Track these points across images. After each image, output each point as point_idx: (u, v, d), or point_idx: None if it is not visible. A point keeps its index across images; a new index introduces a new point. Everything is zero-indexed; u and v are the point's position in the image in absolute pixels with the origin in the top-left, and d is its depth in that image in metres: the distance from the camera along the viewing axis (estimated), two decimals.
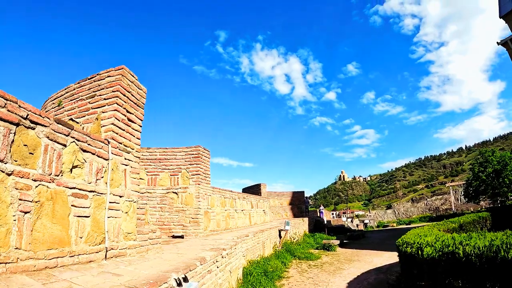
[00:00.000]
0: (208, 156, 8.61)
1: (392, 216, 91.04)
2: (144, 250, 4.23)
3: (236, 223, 9.86)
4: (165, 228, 7.63)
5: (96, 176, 3.55)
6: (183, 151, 8.43)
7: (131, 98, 4.59)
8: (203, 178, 8.20)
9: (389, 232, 24.09)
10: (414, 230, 7.96)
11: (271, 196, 25.52)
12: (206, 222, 7.94)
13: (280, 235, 12.44)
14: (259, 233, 9.01)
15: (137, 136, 4.55)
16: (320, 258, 11.83)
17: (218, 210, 8.68)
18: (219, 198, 8.86)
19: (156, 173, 8.40)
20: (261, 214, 13.45)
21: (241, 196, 10.73)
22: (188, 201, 7.86)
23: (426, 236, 6.09)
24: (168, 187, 8.20)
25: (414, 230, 7.96)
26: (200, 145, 8.36)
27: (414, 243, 5.86)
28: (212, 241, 6.09)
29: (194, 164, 8.17)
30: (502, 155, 28.24)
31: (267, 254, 9.92)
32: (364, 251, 13.70)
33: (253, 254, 8.26)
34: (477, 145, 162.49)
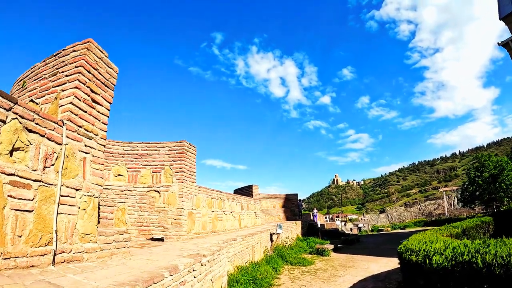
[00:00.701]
0: (193, 153, 7.97)
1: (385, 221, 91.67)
2: (107, 255, 3.57)
3: (224, 226, 9.21)
4: (144, 230, 6.96)
5: (45, 163, 2.90)
6: (166, 146, 7.78)
7: (98, 77, 3.95)
8: (188, 176, 7.55)
9: (384, 236, 23.68)
10: (416, 235, 7.43)
11: (263, 198, 24.91)
12: (190, 224, 7.29)
13: (271, 239, 11.83)
14: (248, 237, 8.39)
15: (104, 120, 3.91)
16: (313, 263, 11.25)
17: (204, 211, 8.03)
18: (205, 198, 8.21)
19: (137, 169, 7.72)
20: (252, 217, 12.82)
21: (230, 197, 10.09)
22: (171, 201, 7.20)
23: (433, 243, 5.54)
24: (149, 184, 7.53)
25: (416, 235, 7.43)
26: (185, 140, 7.73)
27: (419, 251, 5.29)
28: (194, 245, 5.45)
29: (178, 161, 7.52)
30: (498, 159, 28.15)
31: (257, 259, 9.30)
32: (359, 256, 13.16)
33: (241, 259, 7.63)
34: (471, 151, 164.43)
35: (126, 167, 7.72)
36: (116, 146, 7.90)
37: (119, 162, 7.74)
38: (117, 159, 7.76)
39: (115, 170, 7.69)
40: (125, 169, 7.71)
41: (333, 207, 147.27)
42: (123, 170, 7.70)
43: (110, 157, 7.69)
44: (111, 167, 7.64)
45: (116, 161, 7.74)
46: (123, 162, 7.76)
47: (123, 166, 7.73)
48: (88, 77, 3.79)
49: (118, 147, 7.88)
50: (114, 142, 7.94)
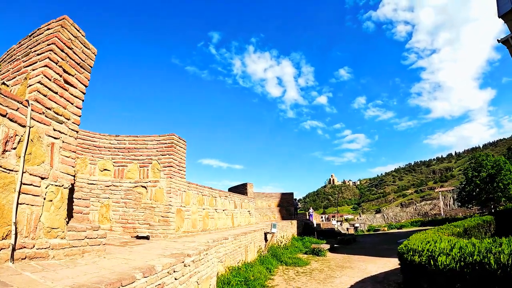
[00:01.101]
0: (183, 147, 7.60)
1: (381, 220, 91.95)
2: (78, 253, 3.21)
3: (215, 224, 8.85)
4: (128, 227, 6.59)
5: (4, 146, 2.54)
6: (154, 140, 7.41)
7: (73, 56, 3.58)
8: (177, 171, 7.18)
9: (380, 236, 23.48)
10: (416, 235, 7.14)
11: (258, 197, 24.58)
12: (179, 221, 6.92)
13: (266, 238, 11.50)
14: (241, 236, 8.05)
15: (77, 104, 3.53)
16: (309, 264, 10.94)
17: (194, 209, 7.67)
18: (196, 195, 7.85)
19: (124, 164, 7.35)
20: (245, 215, 12.48)
21: (222, 195, 9.73)
22: (158, 197, 6.83)
23: (437, 242, 5.24)
24: (136, 180, 7.16)
25: (416, 235, 7.14)
26: (174, 134, 7.36)
27: (423, 251, 4.99)
28: (181, 244, 5.09)
29: (167, 155, 7.15)
30: (496, 159, 28.06)
31: (250, 259, 8.96)
32: (356, 256, 12.88)
33: (233, 259, 7.28)
34: (467, 152, 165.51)
35: (112, 162, 7.36)
36: (103, 139, 7.52)
37: (105, 156, 7.37)
38: (103, 153, 7.39)
39: (100, 164, 7.31)
40: (111, 164, 7.34)
41: (329, 207, 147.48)
42: (109, 165, 7.33)
43: (96, 151, 7.33)
44: (96, 162, 7.27)
45: (102, 155, 7.37)
46: (109, 156, 7.39)
47: (109, 161, 7.36)
48: (61, 56, 3.43)
49: (104, 141, 7.51)
50: (101, 135, 7.57)
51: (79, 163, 7.04)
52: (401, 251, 5.73)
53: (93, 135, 7.49)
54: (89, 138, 7.36)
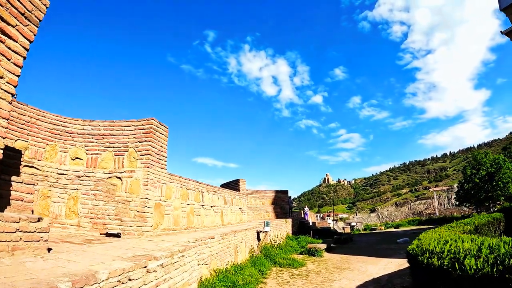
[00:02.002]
0: (164, 133, 6.76)
1: (376, 220, 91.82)
2: (5, 249, 2.38)
3: (202, 222, 8.02)
4: (98, 223, 5.74)
5: None
6: (132, 125, 6.57)
7: (15, 4, 2.79)
8: (156, 160, 6.34)
9: (377, 235, 22.86)
10: (427, 234, 6.40)
11: (252, 194, 23.79)
12: (158, 218, 6.08)
13: (258, 237, 10.69)
14: (230, 235, 7.23)
15: (16, 61, 2.72)
16: (304, 265, 10.16)
17: (177, 204, 6.83)
18: (179, 188, 7.01)
19: (98, 152, 6.51)
20: (237, 213, 11.66)
21: (210, 189, 8.90)
22: (134, 189, 5.99)
23: (458, 242, 4.48)
24: (111, 170, 6.32)
25: (427, 234, 6.40)
26: (154, 118, 6.53)
27: (442, 252, 4.22)
28: (153, 244, 4.25)
29: (145, 141, 6.31)
30: (495, 157, 27.64)
31: (240, 260, 8.15)
32: (354, 257, 12.15)
33: (220, 261, 6.46)
34: (462, 152, 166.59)
35: (85, 149, 6.52)
36: (76, 124, 6.70)
37: (77, 143, 6.55)
38: (75, 139, 6.57)
39: (72, 152, 6.48)
40: (84, 152, 6.51)
41: (324, 206, 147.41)
42: (81, 153, 6.50)
43: (68, 137, 6.51)
44: (68, 149, 6.43)
45: (74, 142, 6.55)
46: (82, 143, 6.56)
47: (81, 148, 6.52)
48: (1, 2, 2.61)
49: (77, 126, 6.69)
50: (73, 120, 6.74)
51: (49, 151, 6.21)
52: (413, 253, 4.97)
53: (65, 119, 6.67)
54: (61, 123, 6.56)
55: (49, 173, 6.02)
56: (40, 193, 5.85)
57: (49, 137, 6.31)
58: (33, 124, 6.06)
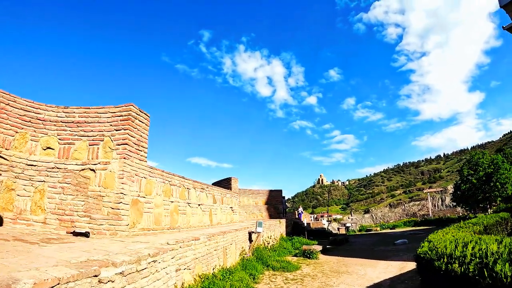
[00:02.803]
0: (144, 121, 6.07)
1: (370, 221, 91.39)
2: None
3: (188, 221, 7.34)
4: (66, 220, 5.03)
5: None
6: (109, 112, 5.88)
7: None
8: (134, 150, 5.65)
9: (374, 237, 22.36)
10: (437, 235, 5.82)
11: (244, 193, 23.13)
12: (135, 216, 5.39)
13: (250, 238, 10.04)
14: (218, 236, 6.56)
15: None
16: (299, 268, 9.54)
17: (159, 201, 6.13)
18: (161, 184, 6.32)
19: (71, 141, 5.82)
20: (227, 212, 10.98)
21: (198, 186, 8.21)
22: (108, 183, 5.30)
23: (479, 244, 3.89)
24: (84, 161, 5.63)
25: (437, 235, 5.82)
26: (133, 104, 5.84)
27: (465, 257, 3.62)
28: (123, 246, 3.58)
29: (122, 130, 5.63)
30: (493, 158, 27.35)
31: (230, 263, 7.49)
32: (352, 259, 11.57)
33: (206, 265, 5.79)
34: (455, 153, 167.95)
35: (58, 138, 5.83)
36: (49, 111, 6.04)
37: (49, 131, 5.87)
38: (47, 127, 5.89)
39: (43, 141, 5.79)
40: (56, 141, 5.81)
41: (317, 207, 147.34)
42: (53, 142, 5.80)
43: (40, 125, 5.84)
44: (39, 138, 5.73)
45: (47, 130, 5.87)
46: (54, 131, 5.87)
47: (54, 137, 5.83)
48: None
49: (50, 113, 6.03)
50: (47, 107, 6.06)
51: (18, 139, 5.52)
52: (426, 257, 4.36)
53: (38, 105, 6.00)
54: (33, 110, 5.91)
55: (16, 164, 5.31)
56: (4, 185, 5.13)
57: (19, 124, 5.62)
58: (2, 110, 5.37)
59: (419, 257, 4.72)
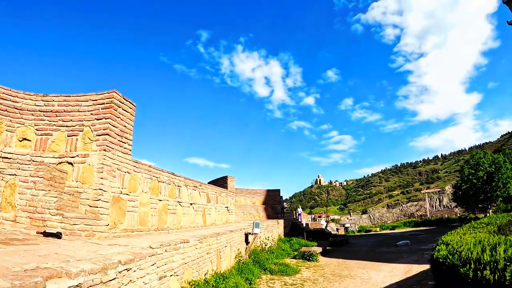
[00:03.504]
0: (129, 111, 5.51)
1: (368, 221, 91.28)
2: None
3: (178, 221, 6.75)
4: (37, 218, 4.44)
5: None
6: (90, 100, 5.32)
7: None
8: (116, 142, 5.08)
9: (374, 237, 21.87)
10: (452, 236, 5.30)
11: (241, 193, 22.54)
12: (116, 215, 4.82)
13: (247, 240, 9.49)
14: (211, 238, 6.00)
15: None
16: (299, 272, 9.00)
17: (145, 199, 5.56)
18: (147, 180, 5.74)
19: (48, 131, 5.26)
20: (223, 212, 10.41)
21: (190, 184, 7.63)
22: (87, 178, 4.73)
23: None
24: (62, 153, 5.08)
25: (452, 236, 5.30)
26: (116, 90, 5.28)
27: (497, 262, 3.09)
28: (95, 250, 3.01)
29: (103, 119, 5.06)
30: (494, 157, 26.95)
31: (224, 267, 6.92)
32: (354, 261, 11.05)
33: (197, 270, 5.23)
34: (453, 154, 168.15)
35: (35, 129, 5.28)
36: (27, 99, 5.53)
37: (27, 121, 5.36)
38: (25, 117, 5.37)
39: (20, 132, 5.25)
40: (33, 131, 5.28)
41: (315, 207, 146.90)
42: (30, 133, 5.27)
43: (17, 114, 5.35)
44: (15, 128, 5.17)
45: (24, 120, 5.36)
46: (32, 121, 5.34)
47: (31, 127, 5.30)
48: None
49: (28, 101, 5.52)
50: (25, 95, 5.54)
51: None
52: (447, 262, 3.82)
53: (16, 93, 5.48)
54: (10, 98, 5.40)
55: None
56: None
57: None
58: None
59: (437, 262, 4.19)
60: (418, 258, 10.59)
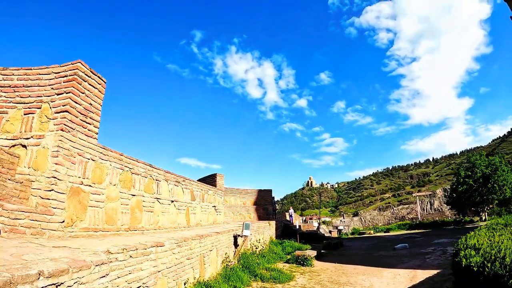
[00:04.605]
0: (97, 87, 4.66)
1: (359, 223, 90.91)
2: None
3: (156, 221, 5.89)
4: None
5: None
6: (52, 73, 4.47)
7: None
8: (79, 122, 4.22)
9: (369, 240, 21.27)
10: (475, 239, 4.62)
11: (232, 193, 21.72)
12: (75, 210, 3.96)
13: (236, 243, 8.67)
14: (193, 241, 5.17)
15: None
16: (293, 278, 8.22)
17: (113, 193, 4.69)
18: (118, 170, 4.87)
19: (4, 109, 4.38)
20: (209, 212, 9.56)
21: (172, 179, 6.76)
22: (40, 163, 3.88)
23: None
24: (16, 134, 4.21)
25: (475, 239, 4.62)
26: (81, 61, 4.43)
27: None
28: (17, 256, 2.15)
29: (63, 94, 4.20)
30: (491, 159, 26.72)
31: (209, 274, 6.09)
32: (351, 266, 10.32)
33: (175, 279, 4.39)
34: (445, 158, 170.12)
35: None
36: None
37: None
38: None
39: None
40: None
41: (306, 209, 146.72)
42: None
43: None
44: None
45: None
46: None
47: None
48: None
49: None
50: None
51: None
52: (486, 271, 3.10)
53: None
54: None
55: None
56: None
57: None
58: None
59: (468, 271, 3.46)
60: (420, 263, 9.92)
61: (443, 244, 13.91)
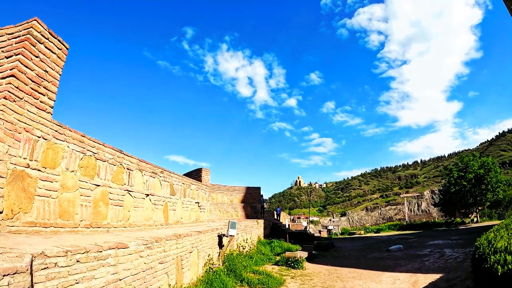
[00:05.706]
0: (56, 51, 3.85)
1: (346, 223, 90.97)
2: None
3: (126, 217, 5.09)
4: None
5: None
6: (6, 34, 3.66)
7: None
8: (28, 91, 3.43)
9: (360, 241, 20.86)
10: (497, 241, 4.04)
11: (218, 190, 20.97)
12: (17, 199, 3.16)
13: (220, 243, 7.95)
14: (168, 241, 4.42)
15: None
16: (283, 283, 7.57)
17: (71, 181, 3.89)
18: (78, 154, 4.07)
19: None
20: (192, 209, 8.79)
21: (147, 169, 5.97)
22: None
23: None
24: None
25: (497, 241, 4.04)
26: (38, 19, 3.63)
27: None
28: None
29: (13, 56, 3.39)
30: (484, 159, 26.71)
31: (189, 280, 5.35)
32: (345, 269, 9.74)
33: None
34: (432, 160, 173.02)
35: None
36: None
37: None
38: None
39: None
40: None
41: (294, 208, 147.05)
42: None
43: None
44: None
45: None
46: None
47: None
48: None
49: None
50: None
51: None
52: None
53: None
54: None
55: None
56: None
57: None
58: None
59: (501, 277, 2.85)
60: (419, 266, 9.41)
61: (439, 246, 13.51)
